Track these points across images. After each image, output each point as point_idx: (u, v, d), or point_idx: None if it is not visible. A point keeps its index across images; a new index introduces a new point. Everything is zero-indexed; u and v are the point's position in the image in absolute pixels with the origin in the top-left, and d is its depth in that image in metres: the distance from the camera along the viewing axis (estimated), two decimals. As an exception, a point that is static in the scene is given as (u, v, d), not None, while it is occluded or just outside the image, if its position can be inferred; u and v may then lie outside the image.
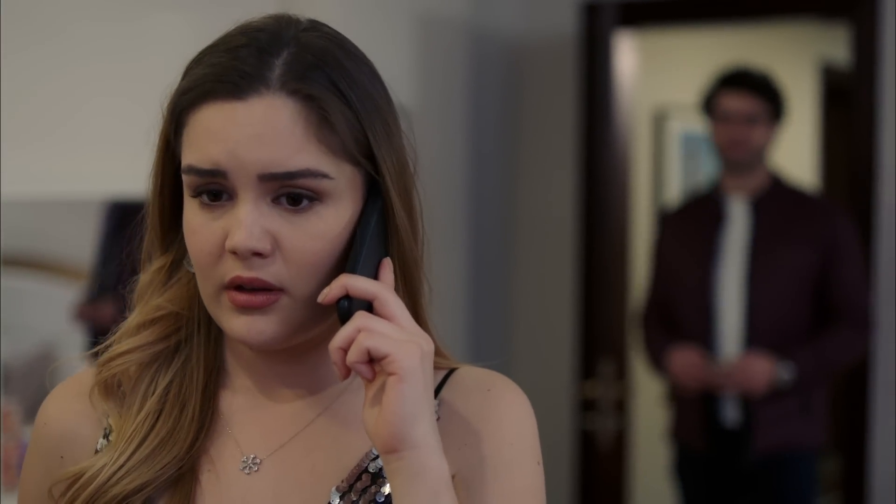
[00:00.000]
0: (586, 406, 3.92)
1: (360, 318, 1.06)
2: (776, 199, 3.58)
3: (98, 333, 3.08)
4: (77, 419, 1.21)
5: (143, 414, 1.16)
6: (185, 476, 1.15)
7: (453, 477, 1.10)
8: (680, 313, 3.62)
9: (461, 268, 3.96)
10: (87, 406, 1.20)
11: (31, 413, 2.79)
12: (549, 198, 4.16)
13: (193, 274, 1.15)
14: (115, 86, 2.90)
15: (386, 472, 1.06)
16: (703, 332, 3.54)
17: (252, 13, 1.15)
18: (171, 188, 1.16)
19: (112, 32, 2.92)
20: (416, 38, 3.68)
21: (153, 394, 1.17)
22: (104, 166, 2.88)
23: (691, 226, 3.68)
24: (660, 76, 5.09)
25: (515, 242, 4.24)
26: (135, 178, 2.85)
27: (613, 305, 3.95)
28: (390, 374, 1.04)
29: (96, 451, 1.19)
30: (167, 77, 1.14)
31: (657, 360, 3.61)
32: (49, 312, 3.10)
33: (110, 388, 1.19)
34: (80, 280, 3.08)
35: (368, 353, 1.04)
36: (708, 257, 3.58)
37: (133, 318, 1.20)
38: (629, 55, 4.00)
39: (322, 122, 1.07)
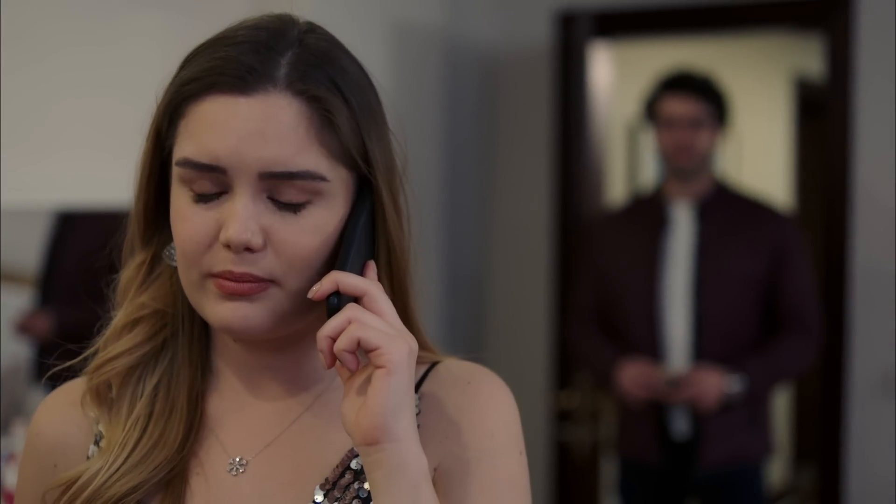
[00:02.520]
0: (562, 417, 3.91)
1: (351, 310, 1.07)
2: (721, 205, 3.49)
3: (39, 347, 3.05)
4: (68, 428, 1.22)
5: (133, 417, 1.17)
6: (175, 479, 1.16)
7: (435, 470, 1.13)
8: (623, 320, 3.50)
9: (436, 277, 3.95)
10: (77, 414, 1.21)
11: (3, 423, 2.77)
12: (525, 208, 4.16)
13: (175, 268, 1.15)
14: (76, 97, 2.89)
15: (364, 465, 1.07)
16: (649, 341, 3.43)
17: (227, 19, 1.15)
18: (156, 181, 1.16)
19: (75, 41, 2.90)
20: (391, 47, 3.67)
21: (142, 396, 1.18)
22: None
23: (632, 230, 3.56)
24: (634, 88, 5.09)
25: (490, 251, 4.23)
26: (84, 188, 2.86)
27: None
28: (378, 366, 1.05)
29: (87, 458, 1.19)
30: (124, 93, 1.14)
31: (603, 373, 3.48)
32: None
33: (101, 394, 1.20)
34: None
35: (358, 343, 1.05)
36: (652, 263, 3.46)
37: (118, 319, 1.20)
38: (604, 66, 4.01)
39: (324, 124, 1.08)
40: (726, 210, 3.49)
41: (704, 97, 3.49)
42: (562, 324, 3.95)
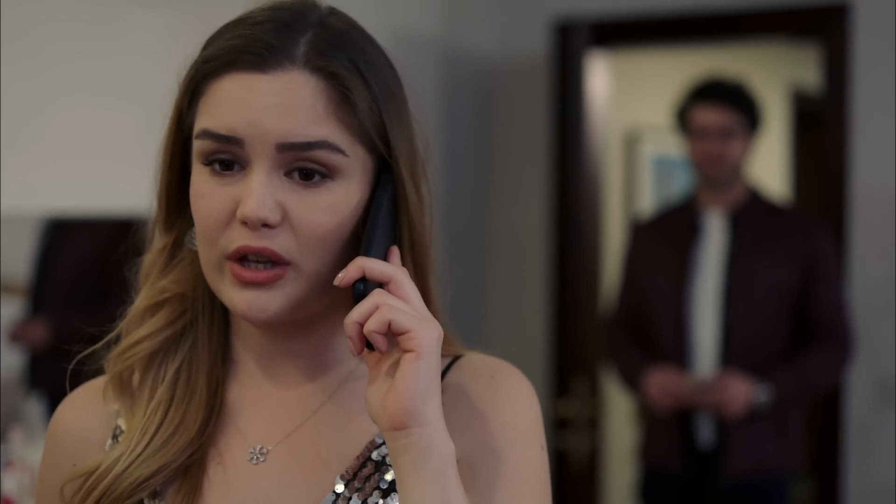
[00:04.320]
0: (559, 425, 3.91)
1: (379, 295, 1.06)
2: (755, 213, 3.47)
3: (32, 355, 3.05)
4: (88, 427, 1.22)
5: (154, 403, 1.18)
6: (193, 466, 1.16)
7: (457, 461, 1.11)
8: (653, 328, 3.50)
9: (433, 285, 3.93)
10: (96, 412, 1.22)
11: (1, 431, 2.76)
12: (522, 217, 4.16)
13: (196, 253, 1.15)
14: (71, 101, 2.88)
15: (390, 451, 1.06)
16: (677, 348, 3.42)
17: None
18: (179, 164, 1.16)
19: (72, 47, 2.90)
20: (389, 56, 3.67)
21: (163, 381, 1.19)
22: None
23: (665, 238, 3.56)
24: (632, 98, 5.10)
25: (488, 261, 4.23)
26: (80, 194, 2.85)
27: (586, 323, 3.94)
28: (408, 350, 1.04)
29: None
30: (122, 102, 1.14)
31: (631, 379, 3.48)
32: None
33: (125, 382, 1.20)
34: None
35: (388, 325, 1.05)
36: (683, 271, 3.45)
37: (139, 302, 1.20)
38: (601, 76, 4.01)
39: (343, 101, 1.09)
40: (759, 219, 3.47)
41: (735, 105, 3.46)
42: (559, 332, 3.95)
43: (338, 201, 1.09)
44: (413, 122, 1.17)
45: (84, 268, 2.97)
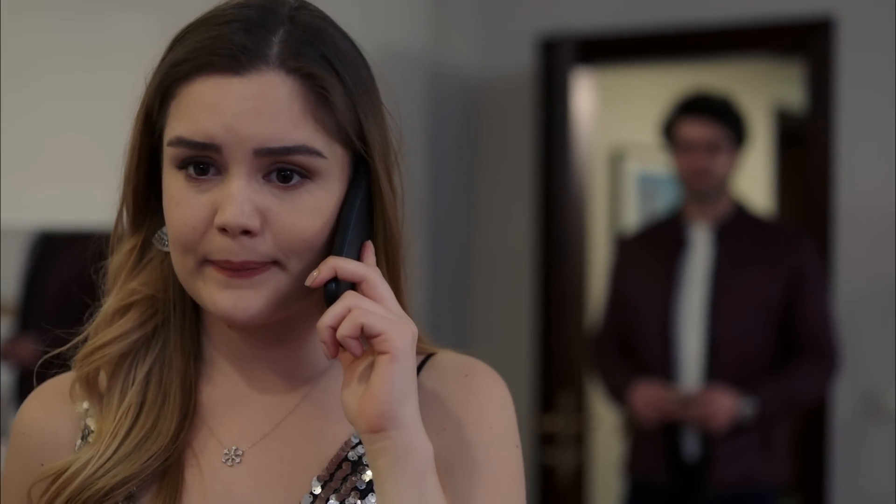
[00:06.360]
0: (545, 440, 3.91)
1: (351, 298, 1.05)
2: (740, 227, 3.48)
3: (20, 373, 3.00)
4: (55, 425, 1.19)
5: (124, 406, 1.15)
6: (170, 470, 1.13)
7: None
8: (639, 341, 3.52)
9: (419, 301, 3.94)
10: (64, 410, 1.19)
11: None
12: (508, 234, 4.17)
13: (166, 253, 1.13)
14: (58, 118, 2.89)
15: (368, 453, 1.05)
16: (663, 362, 3.44)
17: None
18: (146, 165, 1.14)
19: (65, 64, 2.91)
20: (373, 73, 3.68)
21: (133, 384, 1.16)
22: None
23: (651, 252, 3.58)
24: (617, 115, 5.12)
25: (473, 277, 4.24)
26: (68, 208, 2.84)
27: (572, 338, 3.94)
28: (382, 352, 1.03)
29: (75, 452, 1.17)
30: (112, 115, 1.12)
31: (617, 393, 3.49)
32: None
33: (91, 383, 1.17)
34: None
35: (361, 329, 1.03)
36: (669, 285, 3.47)
37: (108, 305, 1.18)
38: (586, 92, 4.02)
39: (320, 101, 1.07)
40: (745, 232, 3.48)
41: (722, 120, 3.48)
42: (544, 348, 3.96)
43: (319, 203, 1.08)
44: (385, 114, 1.15)
45: (77, 282, 2.96)
